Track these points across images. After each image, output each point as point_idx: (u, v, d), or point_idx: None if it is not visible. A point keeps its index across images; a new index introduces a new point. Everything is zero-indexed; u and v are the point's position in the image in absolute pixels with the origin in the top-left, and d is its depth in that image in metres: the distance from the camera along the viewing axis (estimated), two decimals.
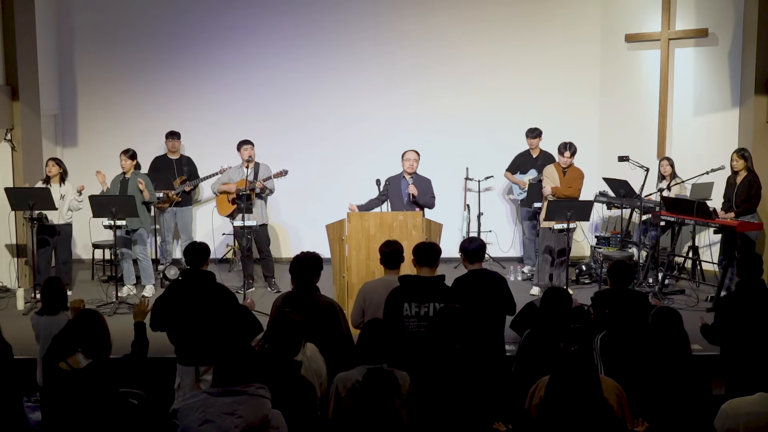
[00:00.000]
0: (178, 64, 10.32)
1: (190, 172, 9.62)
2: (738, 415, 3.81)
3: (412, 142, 10.12)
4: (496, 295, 5.50)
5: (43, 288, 5.46)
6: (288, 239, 10.51)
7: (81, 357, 4.20)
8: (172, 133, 9.63)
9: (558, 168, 8.45)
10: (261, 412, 3.44)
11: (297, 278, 5.07)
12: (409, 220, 7.18)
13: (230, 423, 3.37)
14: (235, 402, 3.41)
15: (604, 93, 10.35)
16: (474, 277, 5.58)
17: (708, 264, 8.97)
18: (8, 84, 8.85)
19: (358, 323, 5.43)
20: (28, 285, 8.65)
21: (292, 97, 10.34)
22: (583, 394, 3.21)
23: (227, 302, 5.41)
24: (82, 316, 4.32)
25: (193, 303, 5.35)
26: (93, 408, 3.88)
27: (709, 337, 5.49)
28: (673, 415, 4.23)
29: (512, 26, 10.31)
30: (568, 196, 8.28)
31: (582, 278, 9.12)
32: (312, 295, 5.07)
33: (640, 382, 4.32)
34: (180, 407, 3.46)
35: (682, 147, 9.67)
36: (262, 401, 3.47)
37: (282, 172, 8.52)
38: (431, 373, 4.22)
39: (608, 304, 5.34)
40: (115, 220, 7.91)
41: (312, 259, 5.12)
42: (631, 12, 10.10)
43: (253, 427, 3.40)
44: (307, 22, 10.29)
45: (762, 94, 8.90)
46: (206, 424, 3.38)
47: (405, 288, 5.07)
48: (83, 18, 10.25)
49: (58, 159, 8.60)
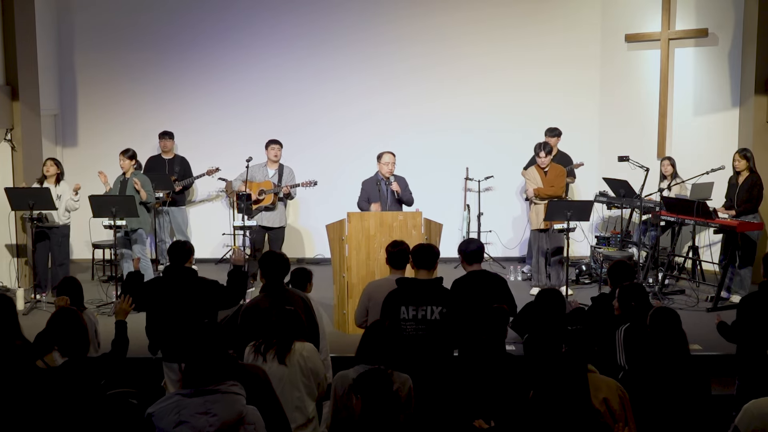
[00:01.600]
0: (177, 64, 10.32)
1: (183, 172, 9.62)
2: (765, 415, 3.73)
3: (412, 142, 10.18)
4: (496, 295, 5.48)
5: (59, 288, 5.42)
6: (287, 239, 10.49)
7: (57, 355, 4.16)
8: (165, 133, 9.63)
9: (539, 169, 8.44)
10: (235, 410, 3.43)
11: (269, 276, 5.11)
12: (409, 220, 7.18)
13: (205, 422, 3.36)
14: (209, 401, 3.40)
15: (604, 93, 10.35)
16: (473, 278, 5.57)
17: (708, 264, 8.96)
18: (8, 84, 8.84)
19: (362, 322, 5.43)
20: (28, 285, 8.64)
21: (292, 97, 10.33)
22: (568, 395, 3.19)
23: (209, 293, 5.40)
24: (59, 315, 4.26)
25: (174, 299, 5.34)
26: (69, 406, 3.85)
27: (727, 335, 5.47)
28: (671, 415, 4.22)
29: (512, 26, 10.30)
30: (551, 195, 8.28)
31: (582, 278, 9.11)
32: (286, 291, 5.11)
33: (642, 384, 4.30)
34: (154, 410, 3.46)
35: (682, 147, 9.66)
36: (236, 398, 3.46)
37: (310, 183, 8.55)
38: (429, 376, 4.21)
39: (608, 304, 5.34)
40: (115, 220, 7.91)
41: (281, 256, 5.20)
42: (631, 12, 10.10)
43: (228, 425, 3.39)
44: (307, 22, 10.29)
45: (762, 94, 8.89)
46: (181, 426, 3.37)
47: (402, 291, 4.99)
48: (83, 18, 10.25)
49: (56, 159, 8.58)
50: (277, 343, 4.40)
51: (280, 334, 4.43)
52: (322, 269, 8.40)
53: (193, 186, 10.03)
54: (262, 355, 4.38)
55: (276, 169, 8.65)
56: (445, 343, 4.91)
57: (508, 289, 5.61)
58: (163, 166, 9.52)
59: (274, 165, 8.65)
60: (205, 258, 10.04)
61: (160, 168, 9.49)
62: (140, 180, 8.36)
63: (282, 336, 4.42)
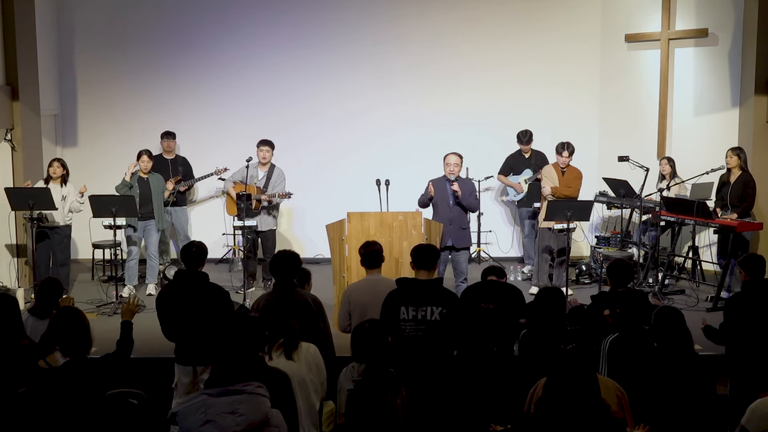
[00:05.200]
0: (177, 64, 10.32)
1: (185, 172, 9.62)
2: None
3: (412, 141, 10.19)
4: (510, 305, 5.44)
5: (39, 288, 5.38)
6: (286, 239, 10.50)
7: (59, 355, 4.15)
8: (168, 133, 9.64)
9: (557, 168, 8.45)
10: (261, 411, 3.43)
11: (279, 276, 5.16)
12: (409, 220, 7.18)
13: (231, 422, 3.36)
14: (235, 401, 3.40)
15: (604, 93, 10.34)
16: (488, 287, 5.54)
17: (708, 264, 8.96)
18: (8, 84, 8.84)
19: (345, 327, 5.42)
20: (28, 285, 8.64)
21: (292, 97, 10.33)
22: (580, 393, 3.19)
23: (221, 301, 5.43)
24: (62, 314, 4.24)
25: (189, 303, 5.37)
26: (71, 406, 3.85)
27: (714, 338, 5.48)
28: (676, 415, 4.22)
29: (512, 26, 10.29)
30: (567, 195, 8.28)
31: (582, 278, 9.11)
32: (293, 291, 5.12)
33: (645, 384, 4.30)
34: (179, 410, 3.45)
35: (682, 147, 9.66)
36: (262, 399, 3.47)
37: (286, 195, 8.57)
38: (428, 377, 4.21)
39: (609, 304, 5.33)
40: (115, 219, 7.91)
41: (292, 257, 5.22)
42: (631, 12, 10.10)
43: (254, 425, 3.39)
44: (306, 21, 10.29)
45: (762, 94, 8.89)
46: (207, 425, 3.37)
47: (402, 291, 4.98)
48: (83, 18, 10.25)
49: (62, 160, 8.56)
50: (286, 342, 4.41)
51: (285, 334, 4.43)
52: (322, 269, 8.40)
53: (194, 186, 10.03)
54: (266, 353, 4.38)
55: (266, 171, 8.66)
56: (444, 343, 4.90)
57: (523, 300, 5.59)
58: (165, 166, 9.53)
59: (264, 167, 8.66)
60: None
61: (162, 168, 9.50)
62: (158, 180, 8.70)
63: (289, 334, 4.43)
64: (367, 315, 5.10)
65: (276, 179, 8.63)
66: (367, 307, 5.24)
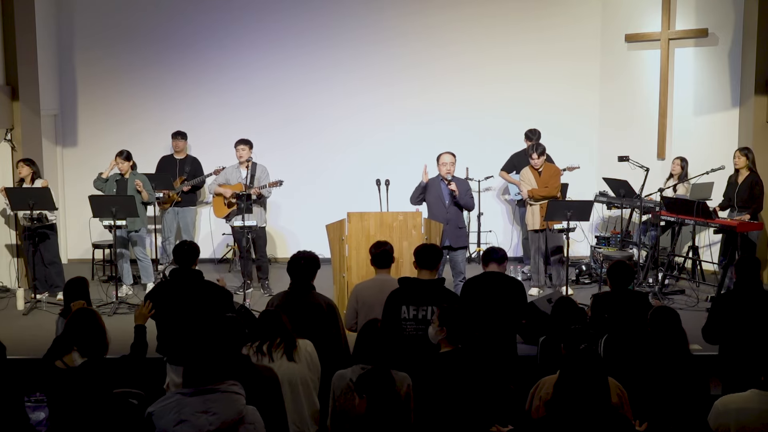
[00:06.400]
0: (177, 63, 10.32)
1: (193, 172, 9.61)
2: (729, 411, 3.83)
3: (412, 141, 10.17)
4: (509, 298, 5.46)
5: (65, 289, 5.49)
6: (285, 239, 10.50)
7: (76, 355, 4.20)
8: (178, 133, 9.62)
9: (533, 170, 8.44)
10: (235, 409, 3.45)
11: (294, 277, 5.10)
12: (409, 220, 7.18)
13: (205, 421, 3.38)
14: (209, 400, 3.42)
15: (604, 93, 10.34)
16: (487, 278, 5.55)
17: (708, 264, 8.97)
18: (8, 84, 8.85)
19: (352, 325, 5.43)
20: (28, 285, 8.64)
21: (292, 96, 10.33)
22: (591, 392, 3.20)
23: (217, 299, 5.41)
24: (79, 315, 4.31)
25: (181, 302, 5.36)
26: (88, 406, 3.88)
27: (706, 337, 5.49)
28: (671, 414, 4.23)
29: (513, 25, 10.30)
30: (545, 196, 8.29)
31: (582, 278, 9.11)
32: (309, 294, 5.08)
33: (641, 383, 4.32)
34: (154, 410, 3.48)
35: (682, 147, 9.66)
36: (236, 398, 3.48)
37: (277, 183, 8.51)
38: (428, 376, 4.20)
39: (608, 306, 5.34)
40: (115, 220, 7.90)
41: (309, 259, 5.17)
42: (631, 12, 10.10)
43: (228, 424, 3.41)
44: (306, 20, 10.29)
45: (762, 94, 8.89)
46: (181, 424, 3.39)
47: (403, 290, 5.01)
48: (83, 18, 10.25)
49: (29, 159, 8.47)
50: (284, 341, 4.41)
51: (282, 332, 4.43)
52: (322, 269, 8.36)
53: (205, 186, 9.97)
54: (267, 354, 4.37)
55: (248, 170, 8.59)
56: None
57: (524, 293, 5.59)
58: (174, 166, 9.52)
59: (245, 166, 8.59)
60: (205, 258, 10.01)
61: (170, 168, 9.50)
62: (141, 180, 8.36)
63: (285, 334, 4.43)
64: (373, 314, 5.10)
65: (260, 174, 8.56)
66: (374, 306, 5.24)
